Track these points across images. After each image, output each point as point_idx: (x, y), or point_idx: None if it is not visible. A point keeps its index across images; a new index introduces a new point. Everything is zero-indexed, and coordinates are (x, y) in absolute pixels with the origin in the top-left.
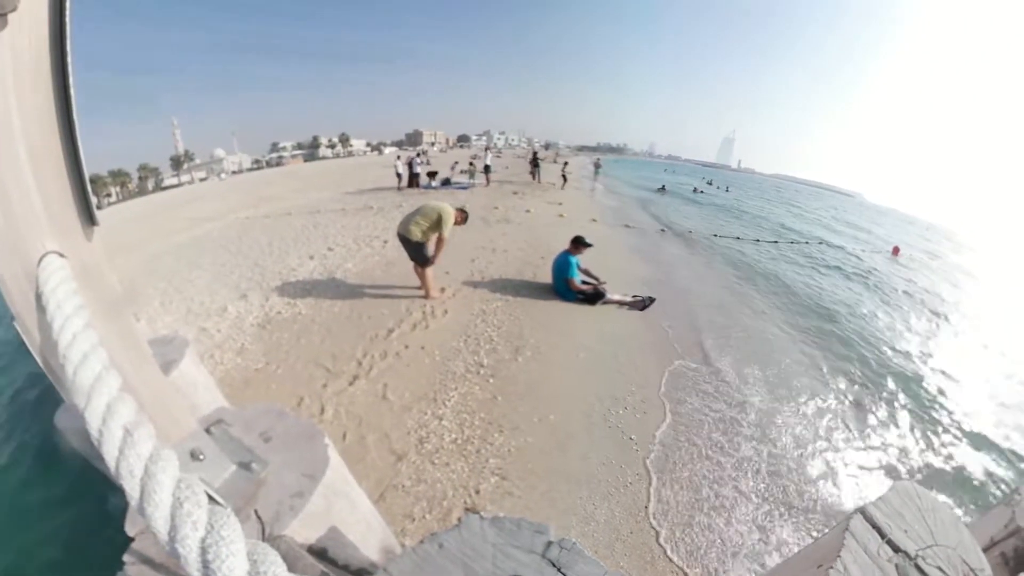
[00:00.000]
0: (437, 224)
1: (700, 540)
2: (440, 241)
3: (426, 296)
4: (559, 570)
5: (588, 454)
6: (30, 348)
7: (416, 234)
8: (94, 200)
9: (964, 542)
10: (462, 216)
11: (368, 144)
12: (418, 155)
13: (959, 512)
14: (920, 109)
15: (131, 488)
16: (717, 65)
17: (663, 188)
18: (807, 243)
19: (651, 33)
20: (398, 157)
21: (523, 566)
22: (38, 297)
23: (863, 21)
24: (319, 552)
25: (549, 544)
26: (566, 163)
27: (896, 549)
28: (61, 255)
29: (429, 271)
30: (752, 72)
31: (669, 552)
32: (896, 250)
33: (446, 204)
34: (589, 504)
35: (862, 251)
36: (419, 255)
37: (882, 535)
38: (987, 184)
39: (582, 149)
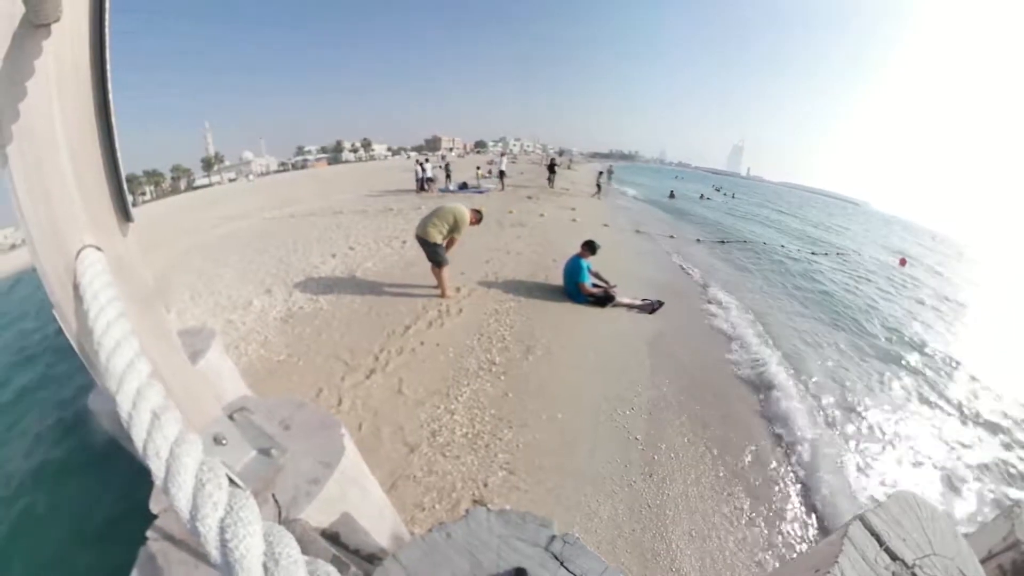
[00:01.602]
0: (454, 226)
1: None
2: (452, 241)
3: (442, 295)
4: (561, 564)
5: (594, 452)
6: (67, 335)
7: (434, 236)
8: (130, 198)
9: (962, 553)
10: (476, 217)
11: (389, 149)
12: (427, 160)
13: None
14: (926, 119)
15: (157, 468)
16: (727, 74)
17: (672, 195)
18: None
19: (662, 42)
20: (417, 162)
21: (527, 558)
22: (76, 288)
23: (870, 30)
24: (332, 536)
25: (553, 538)
26: (601, 173)
27: (894, 557)
28: (98, 249)
29: (445, 271)
30: (761, 81)
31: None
32: (903, 261)
33: (461, 206)
34: (593, 501)
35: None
36: (437, 256)
37: (880, 543)
38: (993, 194)
39: (595, 156)
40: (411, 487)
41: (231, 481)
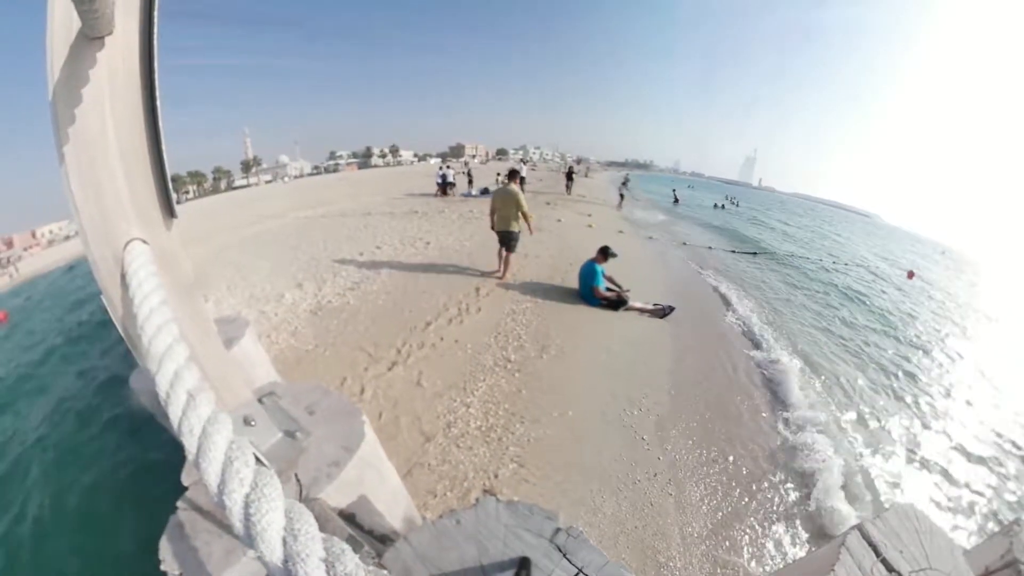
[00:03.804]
0: (518, 204)
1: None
2: (526, 217)
3: (502, 276)
4: (564, 555)
5: (601, 450)
6: (113, 319)
7: (513, 225)
8: (174, 196)
9: (959, 568)
10: (519, 181)
11: (415, 154)
12: (448, 166)
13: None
14: (940, 133)
15: (190, 444)
16: (741, 85)
17: (676, 200)
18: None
19: (679, 54)
20: (440, 167)
21: (532, 548)
22: (123, 276)
23: (885, 42)
24: (348, 516)
25: (557, 531)
26: (625, 182)
27: (890, 568)
28: (144, 242)
29: (513, 256)
30: (774, 93)
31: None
32: (911, 274)
33: (511, 187)
34: (598, 497)
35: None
36: (512, 243)
37: (877, 553)
38: (1010, 210)
39: (611, 164)
40: (425, 474)
41: (257, 460)
